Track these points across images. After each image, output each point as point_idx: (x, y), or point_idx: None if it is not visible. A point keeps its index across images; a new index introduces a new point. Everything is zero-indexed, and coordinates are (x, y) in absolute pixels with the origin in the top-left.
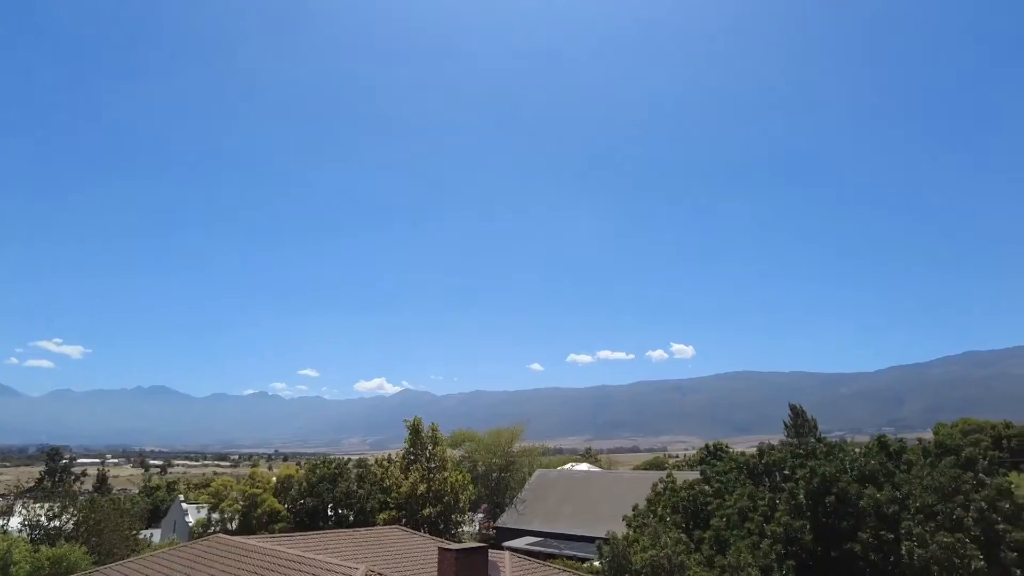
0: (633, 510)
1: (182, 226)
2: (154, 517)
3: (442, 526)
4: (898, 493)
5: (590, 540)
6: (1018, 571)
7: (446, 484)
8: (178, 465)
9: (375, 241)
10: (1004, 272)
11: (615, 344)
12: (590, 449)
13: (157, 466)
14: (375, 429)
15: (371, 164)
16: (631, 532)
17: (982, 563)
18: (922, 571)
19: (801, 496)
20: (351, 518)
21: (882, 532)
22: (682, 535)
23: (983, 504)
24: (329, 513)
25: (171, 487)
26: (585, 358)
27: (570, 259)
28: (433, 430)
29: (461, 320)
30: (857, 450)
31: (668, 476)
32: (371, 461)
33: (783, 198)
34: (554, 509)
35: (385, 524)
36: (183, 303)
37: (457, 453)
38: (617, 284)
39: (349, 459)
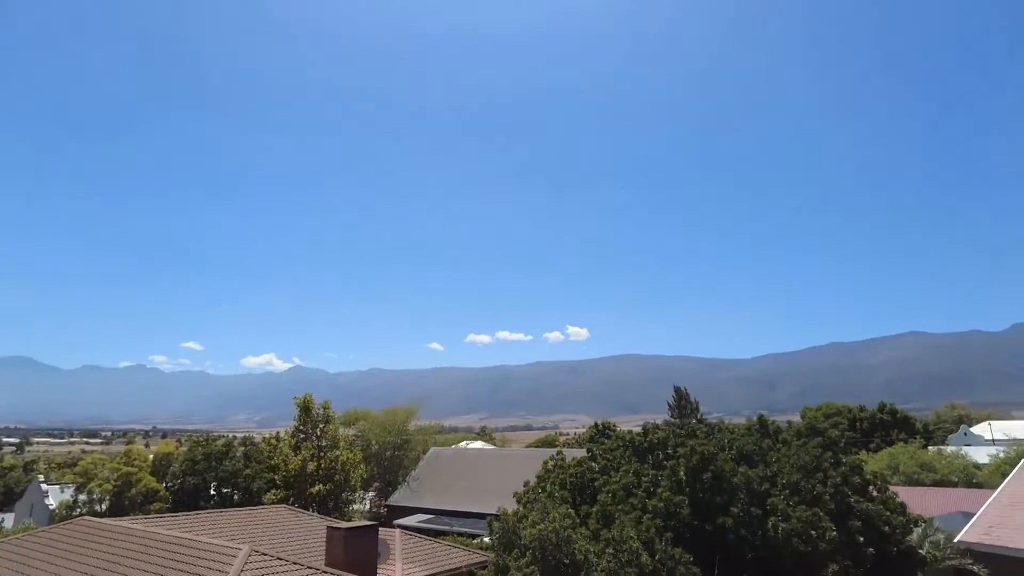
0: (524, 486)
1: (45, 179)
2: (7, 501)
3: (332, 505)
4: (769, 471)
5: (481, 517)
6: (862, 538)
7: (337, 462)
8: (39, 443)
9: (271, 210)
10: (864, 273)
11: (514, 326)
12: (485, 428)
13: (12, 444)
14: (263, 406)
15: (277, 128)
16: (521, 508)
17: (834, 533)
18: (784, 542)
19: (681, 473)
20: (236, 497)
21: (752, 507)
22: (570, 510)
23: (838, 480)
24: (212, 493)
25: (29, 467)
26: (484, 338)
27: (470, 242)
28: (325, 408)
29: (359, 298)
30: (738, 429)
31: (558, 453)
32: (258, 439)
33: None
34: (447, 487)
35: (272, 504)
36: (48, 267)
37: (350, 432)
38: (517, 267)
39: (235, 437)
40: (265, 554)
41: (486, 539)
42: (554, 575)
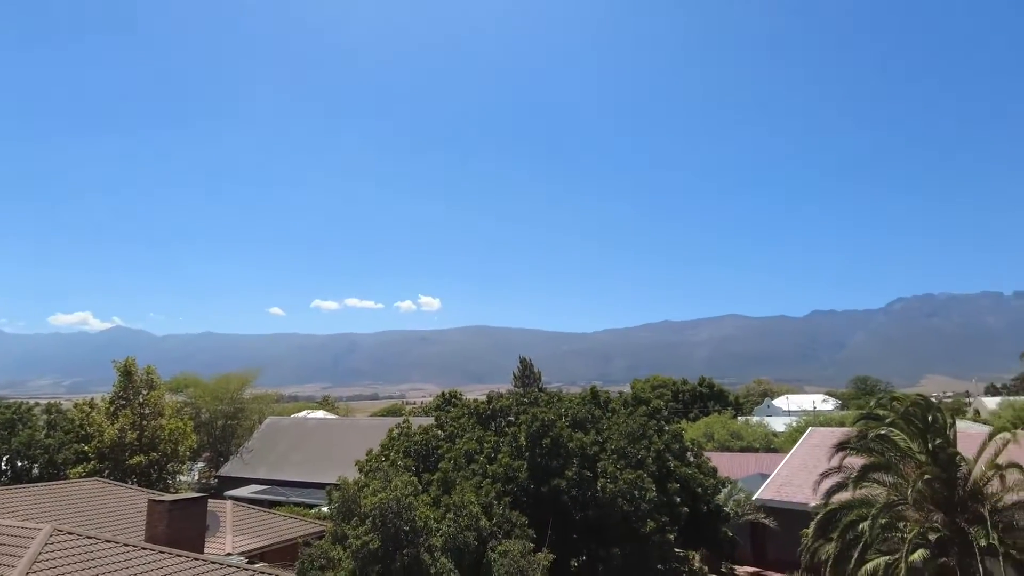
0: (366, 455)
1: None
2: None
3: (155, 477)
4: (600, 437)
5: (320, 487)
6: (678, 498)
7: (163, 431)
8: None
9: (90, 145)
10: (695, 262)
11: (364, 293)
12: (328, 397)
13: None
14: (74, 370)
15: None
16: (362, 477)
17: (655, 494)
18: (611, 502)
19: (522, 439)
20: (35, 471)
21: (584, 470)
22: (413, 478)
23: (661, 446)
24: (4, 467)
25: None
26: (331, 305)
27: (320, 202)
28: (148, 373)
29: (191, 254)
30: (575, 398)
31: (404, 422)
32: (67, 406)
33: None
34: (284, 457)
35: (81, 477)
36: None
37: (178, 399)
38: (369, 232)
39: (36, 403)
40: (71, 532)
41: (324, 509)
42: (394, 542)
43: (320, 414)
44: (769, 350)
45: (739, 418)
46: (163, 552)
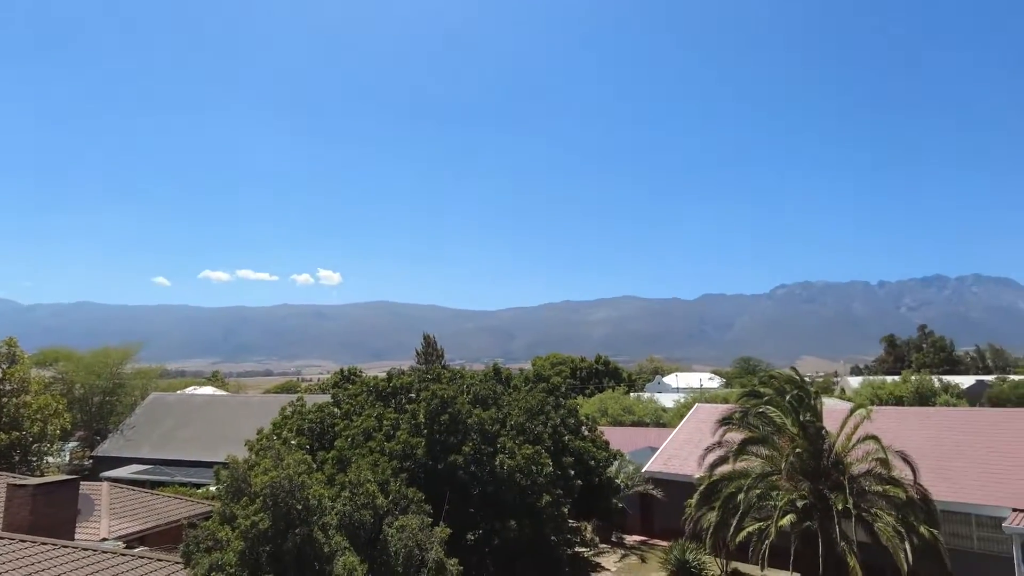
0: (258, 434)
1: None
2: None
3: (18, 458)
4: (500, 413)
5: (209, 466)
6: (572, 471)
7: (27, 409)
8: None
9: None
10: (593, 245)
11: (258, 264)
12: (218, 372)
13: None
14: None
15: None
16: (253, 455)
17: (551, 468)
18: (509, 477)
19: (421, 416)
20: None
21: (483, 446)
22: (306, 456)
23: (558, 421)
24: None
25: None
26: (222, 276)
27: (212, 162)
28: (10, 345)
29: (63, 216)
30: (477, 375)
31: (298, 400)
32: None
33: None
34: (169, 435)
35: None
36: None
37: (46, 374)
38: (265, 200)
39: None
40: None
41: (212, 489)
42: (285, 521)
43: (209, 390)
44: (662, 330)
45: (632, 394)
46: (24, 540)
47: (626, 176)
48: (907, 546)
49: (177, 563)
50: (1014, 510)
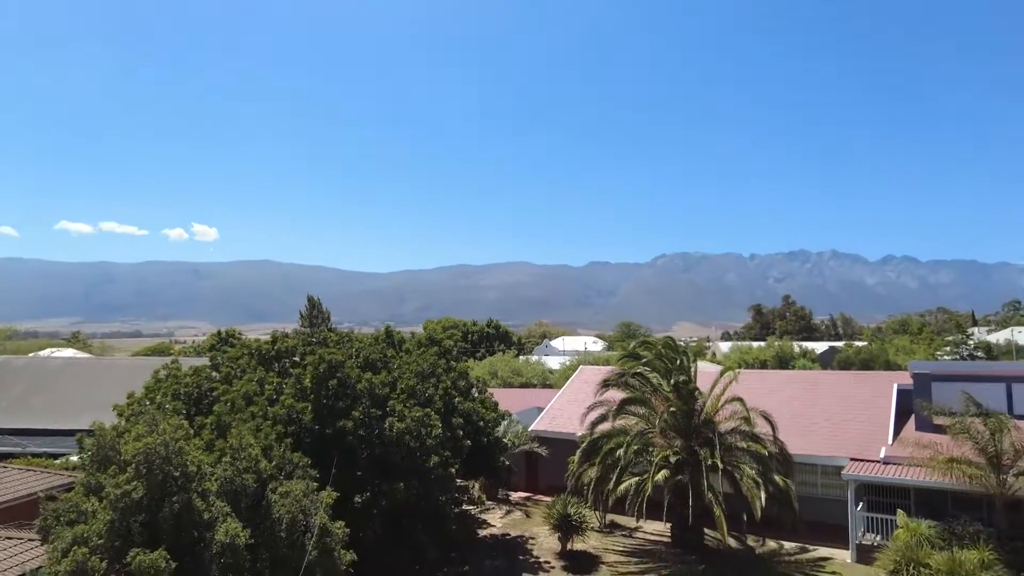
0: (128, 399)
1: None
2: None
3: None
4: (391, 377)
5: (70, 434)
6: (461, 432)
7: None
8: None
9: None
10: (490, 209)
11: (125, 216)
12: (79, 333)
13: None
14: None
15: None
16: (123, 422)
17: (440, 430)
18: (398, 440)
19: (307, 380)
20: None
21: (373, 410)
22: (183, 421)
23: (448, 384)
24: None
25: None
26: (83, 228)
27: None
28: None
29: None
30: (367, 338)
31: (173, 363)
32: None
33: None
34: (20, 402)
35: None
36: None
37: None
38: (133, 146)
39: None
40: None
41: (74, 458)
42: (162, 489)
43: (69, 352)
44: (552, 295)
45: (521, 357)
46: None
47: (524, 141)
48: (763, 494)
49: (32, 540)
50: (852, 459)
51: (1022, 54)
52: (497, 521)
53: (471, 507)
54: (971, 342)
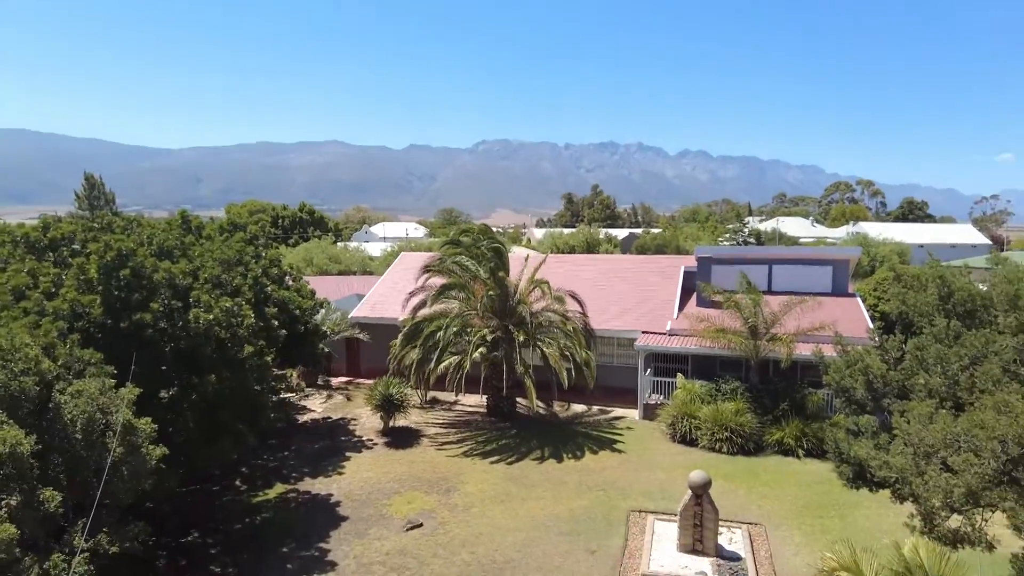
0: None
1: None
2: None
3: None
4: (192, 266)
5: None
6: (276, 321)
7: None
8: None
9: None
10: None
11: None
12: None
13: None
14: None
15: None
16: None
17: (252, 319)
18: (206, 332)
19: (93, 271)
20: None
21: (173, 301)
22: None
23: (259, 272)
24: None
25: None
26: None
27: None
28: None
29: None
30: (160, 224)
31: None
32: None
33: None
34: None
35: None
36: None
37: None
38: None
39: None
40: None
41: None
42: None
43: None
44: (369, 179)
45: (339, 244)
46: None
47: (340, 8)
48: (569, 365)
49: None
50: (643, 332)
51: None
52: (318, 406)
53: (290, 395)
54: (746, 230)
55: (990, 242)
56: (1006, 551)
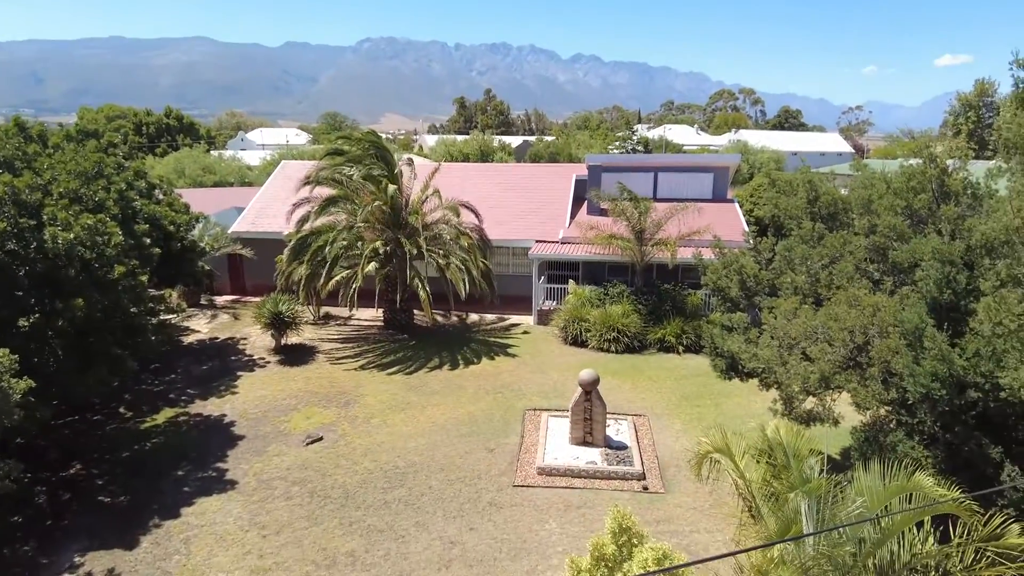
0: None
1: None
2: None
3: None
4: (41, 179)
5: None
6: (148, 239)
7: None
8: None
9: None
10: None
11: None
12: None
13: None
14: None
15: None
16: None
17: (121, 237)
18: (68, 251)
19: None
20: None
21: (23, 219)
22: None
23: (123, 185)
24: None
25: None
26: None
27: None
28: None
29: None
30: None
31: None
32: None
33: None
34: None
35: None
36: None
37: None
38: None
39: None
40: None
41: None
42: None
43: None
44: (243, 80)
45: (212, 153)
46: None
47: None
48: (466, 277)
49: None
50: (537, 241)
51: None
52: (203, 327)
53: (171, 316)
54: (635, 138)
55: (853, 150)
56: (847, 425)
